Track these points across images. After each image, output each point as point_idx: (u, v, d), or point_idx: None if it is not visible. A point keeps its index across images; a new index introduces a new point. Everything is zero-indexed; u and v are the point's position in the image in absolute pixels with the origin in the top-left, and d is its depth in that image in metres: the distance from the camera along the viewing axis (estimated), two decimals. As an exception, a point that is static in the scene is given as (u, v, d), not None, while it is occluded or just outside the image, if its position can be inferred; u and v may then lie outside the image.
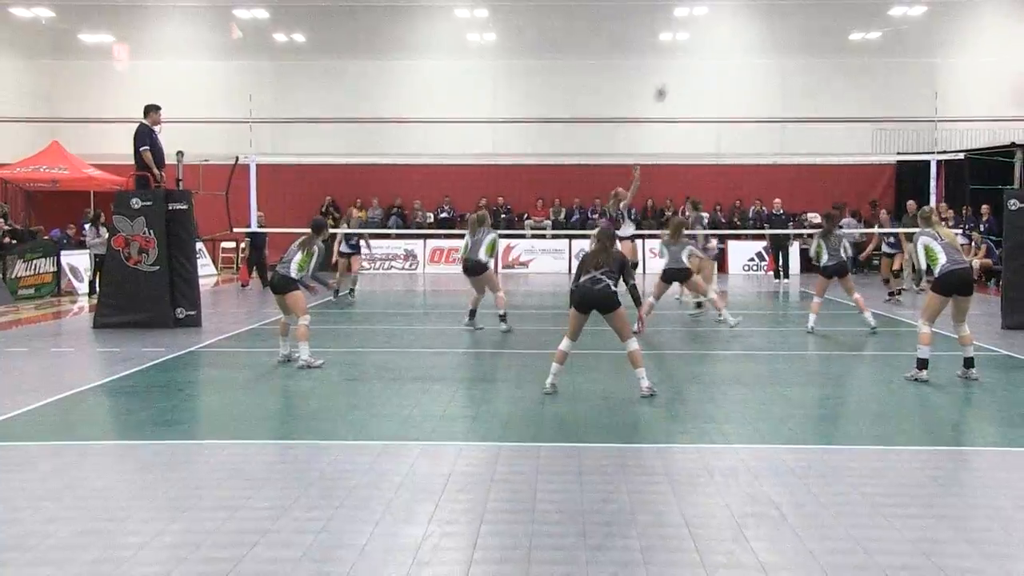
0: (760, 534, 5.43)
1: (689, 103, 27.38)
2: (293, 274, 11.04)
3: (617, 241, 10.69)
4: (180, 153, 15.81)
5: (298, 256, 11.11)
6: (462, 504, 5.98)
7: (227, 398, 9.54)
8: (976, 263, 22.13)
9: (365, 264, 27.57)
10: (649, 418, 8.49)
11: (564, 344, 9.49)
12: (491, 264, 14.20)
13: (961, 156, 19.29)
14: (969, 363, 10.14)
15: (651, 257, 18.75)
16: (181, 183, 15.80)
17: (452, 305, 17.64)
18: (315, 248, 11.20)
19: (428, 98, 28.34)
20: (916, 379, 9.98)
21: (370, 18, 28.99)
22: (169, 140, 15.67)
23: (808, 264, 26.51)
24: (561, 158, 27.43)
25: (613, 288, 9.15)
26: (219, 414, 8.90)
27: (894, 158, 27.30)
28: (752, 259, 27.13)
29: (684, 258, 14.21)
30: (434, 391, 9.66)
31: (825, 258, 13.90)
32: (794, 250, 25.68)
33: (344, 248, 19.22)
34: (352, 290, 19.32)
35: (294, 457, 7.18)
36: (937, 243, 10.04)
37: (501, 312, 14.20)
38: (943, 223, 10.78)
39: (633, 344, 9.25)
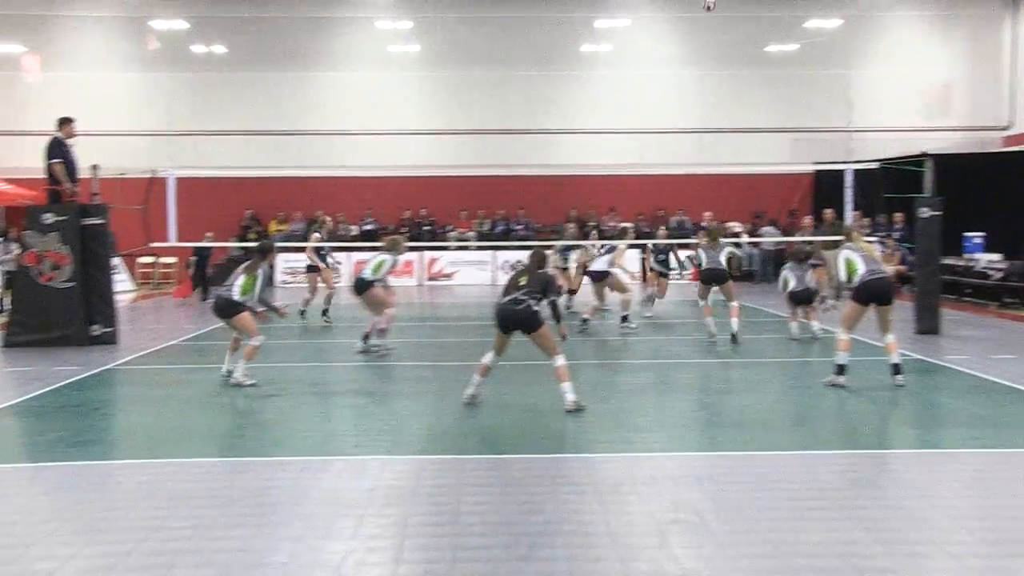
0: (683, 541, 5.48)
1: (611, 114, 27.63)
2: (236, 297, 10.79)
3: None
4: (96, 166, 15.48)
5: (241, 279, 10.85)
6: (386, 518, 5.94)
7: (144, 417, 9.34)
8: (890, 269, 22.67)
9: (287, 279, 27.39)
10: (573, 428, 8.53)
11: (487, 358, 9.51)
12: (376, 282, 13.27)
13: (875, 165, 19.74)
14: (896, 369, 10.32)
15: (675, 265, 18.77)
16: (97, 197, 15.47)
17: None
18: (259, 272, 10.94)
19: (351, 110, 28.14)
20: (834, 384, 10.21)
21: (291, 30, 28.75)
22: (85, 153, 15.31)
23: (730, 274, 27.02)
24: (486, 169, 27.46)
25: (535, 308, 9.19)
26: (136, 434, 8.72)
27: (811, 167, 27.85)
28: (674, 268, 27.39)
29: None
30: (357, 405, 9.59)
31: (704, 264, 14.57)
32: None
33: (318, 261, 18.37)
34: (326, 310, 17.69)
35: (214, 475, 7.06)
36: (857, 255, 10.39)
37: (368, 330, 13.45)
38: (862, 237, 11.09)
39: (559, 360, 9.26)
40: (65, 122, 14.66)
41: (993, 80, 26.58)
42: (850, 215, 18.03)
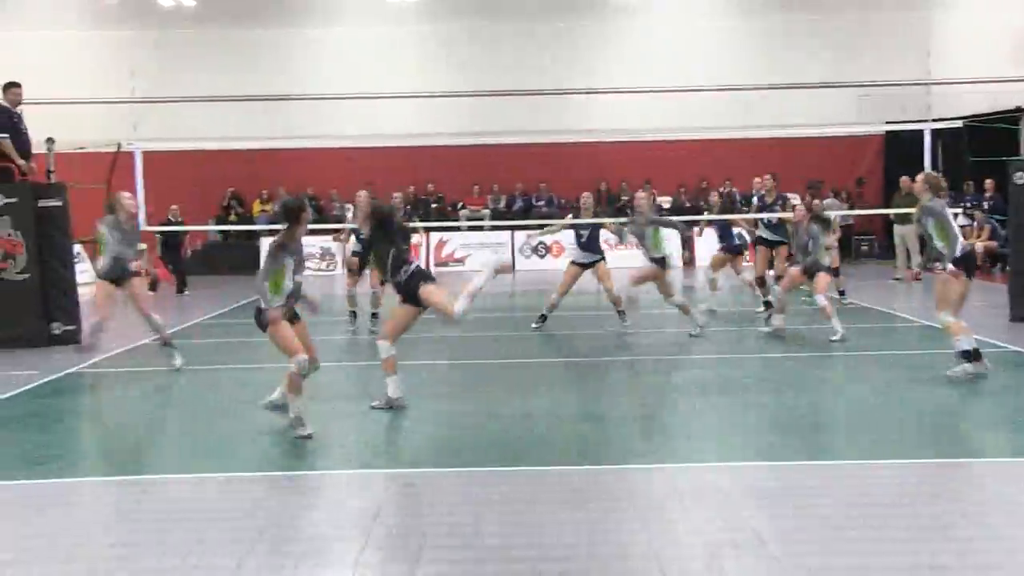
0: (739, 566, 5.49)
1: (646, 70, 27.53)
2: (263, 303, 8.76)
3: None
4: (51, 140, 15.60)
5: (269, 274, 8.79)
6: (395, 540, 5.97)
7: (114, 428, 9.43)
8: (979, 246, 22.59)
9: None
10: (608, 436, 8.55)
11: None
12: None
13: (959, 124, 19.63)
14: (972, 355, 10.27)
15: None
16: (53, 175, 15.57)
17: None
18: (286, 253, 8.83)
19: (343, 71, 28.17)
20: (968, 374, 10.13)
21: (272, -22, 28.79)
22: (37, 125, 15.41)
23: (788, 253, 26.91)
24: (500, 137, 27.37)
25: None
26: (105, 447, 8.80)
27: (882, 127, 27.69)
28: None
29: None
30: (354, 412, 9.62)
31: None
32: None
33: (356, 247, 16.42)
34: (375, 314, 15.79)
35: (197, 493, 7.11)
36: (951, 219, 10.13)
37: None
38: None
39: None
40: (9, 87, 14.70)
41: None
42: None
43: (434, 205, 28.78)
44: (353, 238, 16.71)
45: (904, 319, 15.65)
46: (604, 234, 15.55)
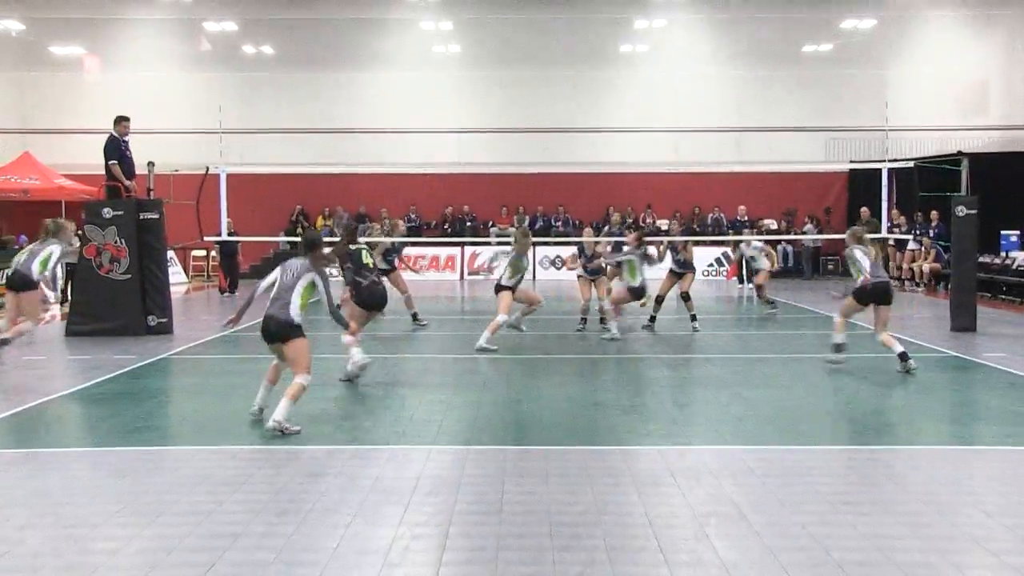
0: (722, 533, 5.46)
1: (648, 113, 27.51)
2: (296, 317, 8.20)
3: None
4: (151, 163, 15.68)
5: (299, 291, 8.27)
6: (431, 506, 5.97)
7: (198, 405, 9.46)
8: (926, 267, 22.45)
9: (332, 271, 27.55)
10: (614, 421, 8.52)
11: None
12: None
13: (911, 164, 19.50)
14: (904, 357, 10.71)
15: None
16: (152, 192, 15.66)
17: (423, 311, 17.59)
18: (316, 277, 8.33)
19: (394, 108, 28.25)
20: (834, 362, 11.09)
21: (337, 31, 28.94)
22: (140, 150, 15.53)
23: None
24: (525, 167, 27.43)
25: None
26: (190, 420, 8.82)
27: (846, 166, 27.58)
28: (711, 264, 27.25)
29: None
30: (402, 396, 9.63)
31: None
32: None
33: (381, 264, 15.54)
34: (415, 314, 15.79)
35: (265, 462, 7.12)
36: (866, 258, 11.02)
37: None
38: (868, 239, 11.54)
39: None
40: (120, 120, 14.88)
41: (1029, 79, 26.19)
42: (885, 213, 17.77)
43: (468, 223, 28.82)
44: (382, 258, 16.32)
45: (863, 328, 15.50)
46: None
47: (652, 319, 15.14)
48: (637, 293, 13.81)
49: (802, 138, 26.44)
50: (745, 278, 23.86)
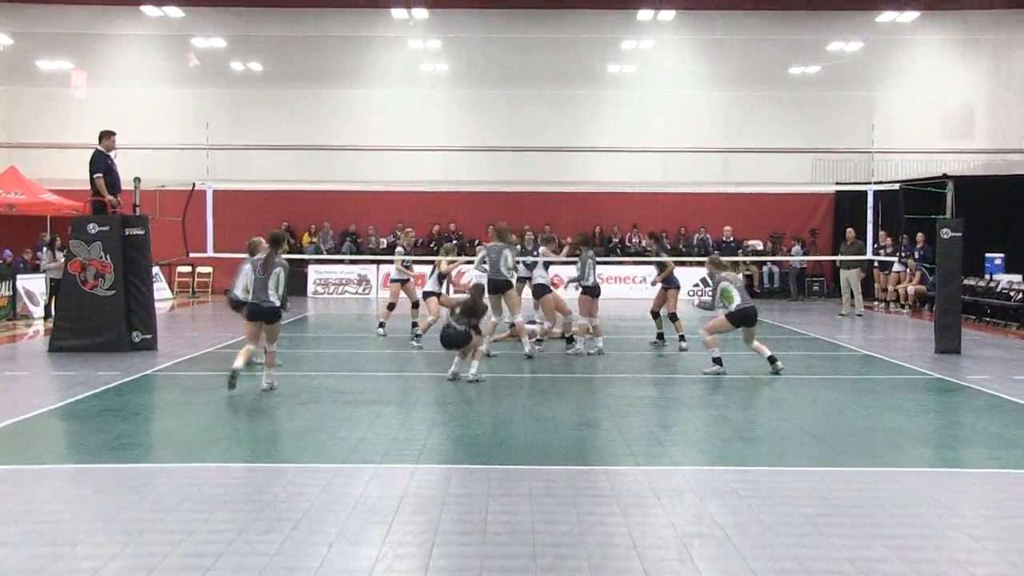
0: (705, 554, 5.47)
1: (636, 133, 27.67)
2: (276, 301, 10.96)
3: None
4: (137, 179, 15.65)
5: (271, 280, 10.86)
6: (415, 526, 5.96)
7: (182, 422, 9.42)
8: (911, 289, 22.56)
9: (319, 289, 27.54)
10: (598, 441, 8.53)
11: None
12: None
13: (896, 186, 19.64)
14: (772, 360, 12.29)
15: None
16: (138, 208, 15.62)
17: (404, 329, 17.58)
18: (277, 267, 10.95)
19: (382, 126, 28.32)
20: (717, 374, 12.18)
21: (325, 48, 29.00)
22: (127, 166, 15.49)
23: (751, 291, 26.85)
24: (512, 185, 27.53)
25: (460, 330, 11.54)
26: (174, 438, 8.78)
27: (832, 188, 27.71)
28: (696, 284, 27.30)
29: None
30: (387, 414, 9.62)
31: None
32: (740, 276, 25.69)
33: (403, 273, 16.77)
34: (382, 323, 16.88)
35: (249, 480, 7.11)
36: (734, 287, 12.37)
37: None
38: (729, 267, 13.25)
39: (482, 347, 12.04)
40: (106, 135, 14.82)
41: (1014, 103, 26.43)
42: (871, 235, 17.88)
43: (455, 241, 28.81)
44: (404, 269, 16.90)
45: (847, 348, 15.61)
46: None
47: (660, 336, 15.60)
48: (593, 293, 14.48)
49: (789, 159, 26.64)
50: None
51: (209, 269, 27.27)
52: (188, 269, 27.62)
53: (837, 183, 27.15)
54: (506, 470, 7.36)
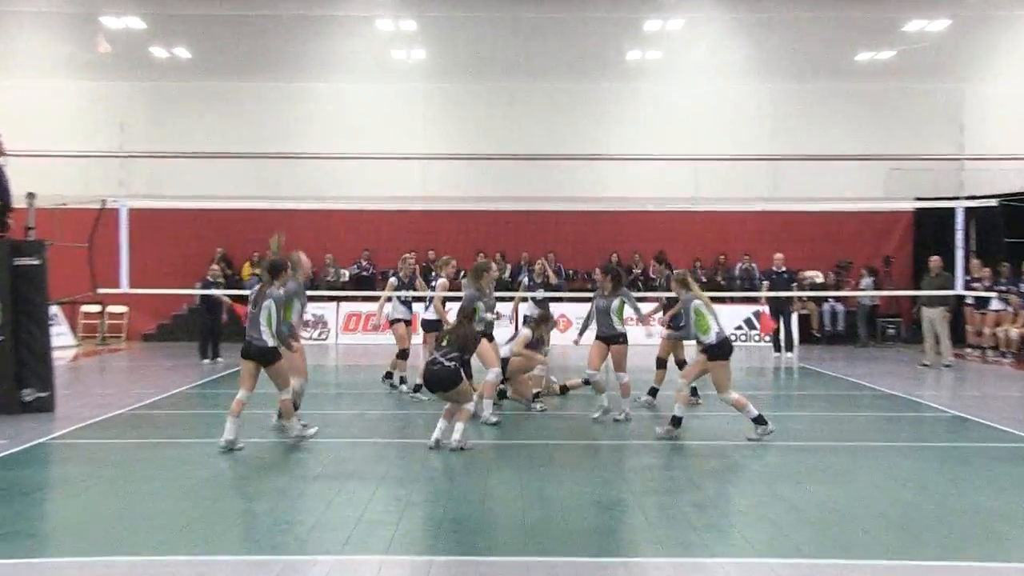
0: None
1: (661, 137, 27.75)
2: (269, 341, 11.62)
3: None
4: (31, 195, 15.65)
5: (263, 315, 11.63)
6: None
7: (86, 503, 9.36)
8: (1014, 333, 22.57)
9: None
10: (613, 525, 8.51)
11: (449, 404, 11.82)
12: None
13: (994, 202, 19.67)
14: (760, 420, 12.30)
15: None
16: (32, 232, 15.62)
17: (371, 384, 17.54)
18: (268, 298, 11.72)
19: (343, 129, 28.39)
20: (671, 436, 12.32)
21: (271, 31, 28.96)
22: (19, 177, 15.49)
23: (808, 334, 26.83)
24: (506, 203, 27.47)
25: (449, 366, 11.52)
26: (74, 525, 8.72)
27: (912, 204, 27.73)
28: (740, 327, 27.29)
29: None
30: (350, 490, 9.58)
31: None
32: (794, 317, 25.56)
33: (401, 311, 17.23)
34: (402, 377, 16.93)
35: (171, 577, 7.08)
36: (708, 310, 12.46)
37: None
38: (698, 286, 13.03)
39: (468, 405, 11.71)
40: (-11, 136, 14.84)
41: None
42: (961, 264, 17.91)
43: (433, 273, 28.73)
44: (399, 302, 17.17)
45: (931, 408, 15.61)
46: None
47: (652, 392, 15.54)
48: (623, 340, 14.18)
49: (855, 169, 26.73)
50: (783, 344, 23.80)
51: (123, 309, 27.26)
52: (96, 309, 27.58)
53: (917, 199, 27.14)
54: (499, 564, 7.33)
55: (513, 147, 27.62)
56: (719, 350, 12.33)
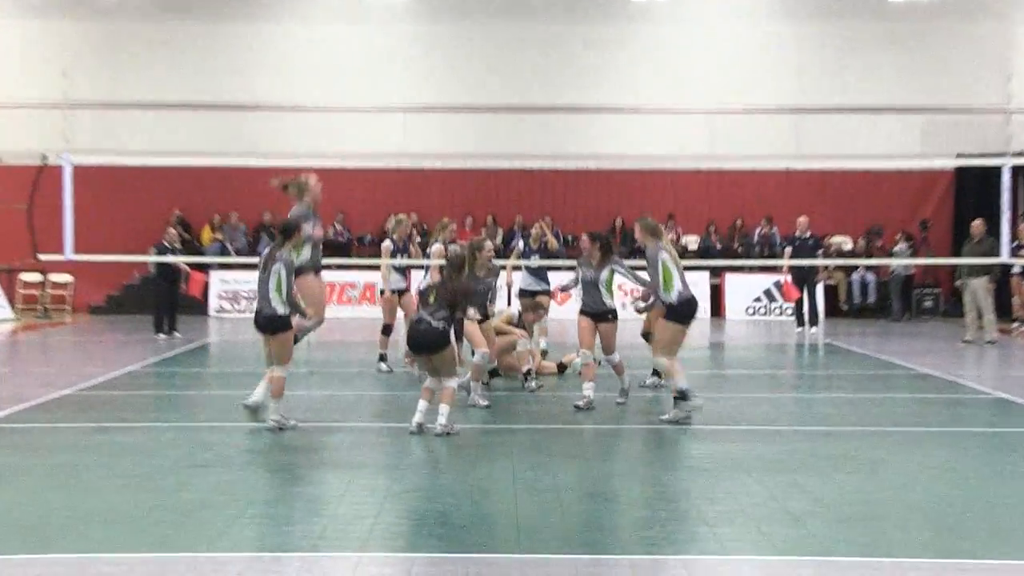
0: None
1: (672, 86, 27.68)
2: (280, 309, 11.77)
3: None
4: (-37, 150, 15.62)
5: (272, 281, 11.79)
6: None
7: (24, 495, 9.35)
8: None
9: (226, 306, 27.46)
10: (618, 518, 8.52)
11: (429, 381, 11.66)
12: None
13: (1046, 159, 19.66)
14: (684, 395, 12.18)
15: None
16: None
17: (344, 363, 17.54)
18: (279, 262, 11.86)
19: (314, 77, 28.27)
20: (687, 413, 12.19)
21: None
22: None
23: (834, 307, 26.83)
24: (498, 161, 27.42)
25: (436, 326, 11.42)
26: (10, 519, 8.72)
27: (952, 162, 27.73)
28: (759, 299, 27.30)
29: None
30: (321, 481, 9.59)
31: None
32: (819, 288, 25.51)
33: (394, 279, 17.11)
34: (382, 354, 16.89)
35: (121, 577, 7.07)
36: (674, 264, 12.29)
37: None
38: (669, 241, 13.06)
39: (451, 383, 11.52)
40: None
41: None
42: (1007, 228, 17.88)
43: (419, 239, 28.70)
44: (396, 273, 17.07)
45: (972, 390, 15.63)
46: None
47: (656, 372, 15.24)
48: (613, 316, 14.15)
49: (889, 122, 26.67)
50: (807, 317, 23.70)
51: (68, 278, 27.18)
52: (37, 278, 27.53)
53: (959, 155, 27.13)
54: (489, 562, 7.34)
55: (505, 98, 27.51)
56: (679, 311, 12.26)
